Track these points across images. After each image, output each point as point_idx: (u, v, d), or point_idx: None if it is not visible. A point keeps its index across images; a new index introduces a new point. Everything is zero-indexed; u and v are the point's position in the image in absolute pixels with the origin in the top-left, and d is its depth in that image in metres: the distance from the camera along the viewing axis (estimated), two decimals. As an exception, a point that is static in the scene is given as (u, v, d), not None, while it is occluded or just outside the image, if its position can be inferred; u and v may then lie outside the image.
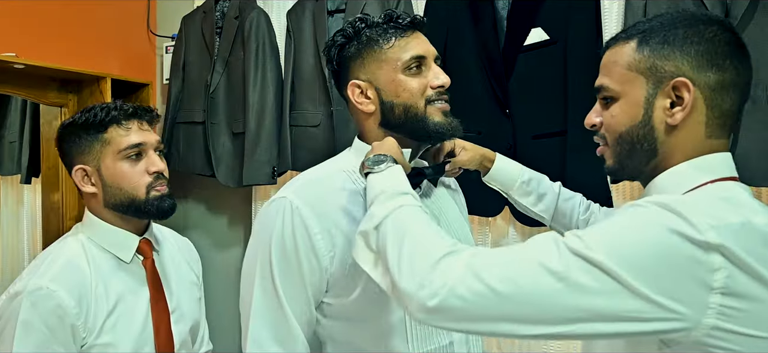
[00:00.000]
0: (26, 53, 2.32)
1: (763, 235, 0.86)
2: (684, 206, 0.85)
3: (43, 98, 2.49)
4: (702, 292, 0.82)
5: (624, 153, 1.03)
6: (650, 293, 0.82)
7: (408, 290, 0.90)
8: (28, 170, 2.71)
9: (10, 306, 1.38)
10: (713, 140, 0.98)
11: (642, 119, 1.00)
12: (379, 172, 1.10)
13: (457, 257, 0.90)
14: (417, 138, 1.26)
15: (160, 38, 3.03)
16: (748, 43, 1.01)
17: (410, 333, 1.19)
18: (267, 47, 2.62)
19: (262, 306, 1.20)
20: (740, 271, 0.83)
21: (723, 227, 0.83)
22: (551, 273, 0.85)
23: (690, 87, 0.95)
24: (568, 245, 0.87)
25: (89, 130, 1.49)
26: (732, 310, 0.83)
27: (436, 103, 1.23)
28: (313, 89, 2.52)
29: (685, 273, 0.83)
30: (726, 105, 0.97)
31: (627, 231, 0.87)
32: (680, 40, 0.97)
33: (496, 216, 2.28)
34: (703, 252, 0.82)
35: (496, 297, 0.85)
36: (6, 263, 2.80)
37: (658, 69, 0.98)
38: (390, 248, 0.96)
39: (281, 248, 1.18)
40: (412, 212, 1.01)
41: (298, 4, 2.60)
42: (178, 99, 2.82)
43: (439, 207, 1.34)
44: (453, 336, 1.25)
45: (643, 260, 0.83)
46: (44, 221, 2.61)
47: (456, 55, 2.22)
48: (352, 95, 1.26)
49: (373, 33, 1.24)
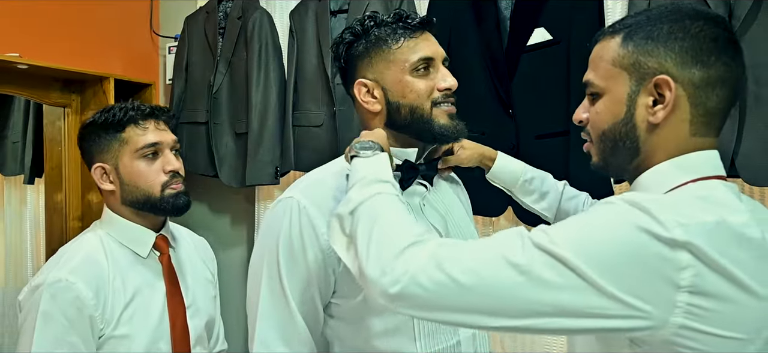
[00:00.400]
0: (29, 53, 2.32)
1: (738, 235, 0.85)
2: (653, 203, 0.84)
3: (46, 98, 2.49)
4: (669, 290, 0.81)
5: (607, 150, 1.02)
6: (615, 290, 0.82)
7: (372, 276, 0.92)
8: (31, 171, 2.71)
9: (31, 298, 1.44)
10: (698, 138, 0.96)
11: (624, 116, 0.98)
12: (365, 157, 1.11)
13: (422, 247, 0.90)
14: (422, 139, 1.26)
15: (163, 39, 3.03)
16: (750, 43, 1.00)
17: (418, 333, 1.19)
18: (270, 47, 2.62)
19: (270, 307, 1.20)
20: (709, 270, 0.81)
21: (692, 225, 0.82)
22: (513, 266, 0.85)
23: (671, 85, 0.92)
24: (533, 239, 0.86)
25: (108, 129, 1.54)
26: (700, 309, 0.82)
27: (442, 105, 1.23)
28: (315, 89, 2.52)
29: (652, 270, 0.82)
30: (711, 103, 0.94)
31: (594, 228, 0.86)
32: (664, 36, 0.94)
33: (499, 216, 2.28)
34: (670, 250, 0.81)
35: (457, 288, 0.86)
36: (9, 263, 2.81)
37: (641, 65, 0.96)
38: (360, 234, 0.97)
39: (289, 248, 1.18)
40: (388, 200, 1.01)
41: (301, 5, 2.60)
42: (181, 99, 2.82)
43: (446, 206, 1.34)
44: (460, 335, 1.24)
45: (609, 257, 0.82)
46: (47, 222, 2.61)
47: (459, 55, 2.21)
48: (358, 94, 1.25)
49: (381, 32, 1.24)
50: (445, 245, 0.91)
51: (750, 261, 0.84)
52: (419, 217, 1.27)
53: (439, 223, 1.30)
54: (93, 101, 2.55)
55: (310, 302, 1.19)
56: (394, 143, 1.27)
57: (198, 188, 2.99)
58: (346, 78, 1.30)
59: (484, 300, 0.86)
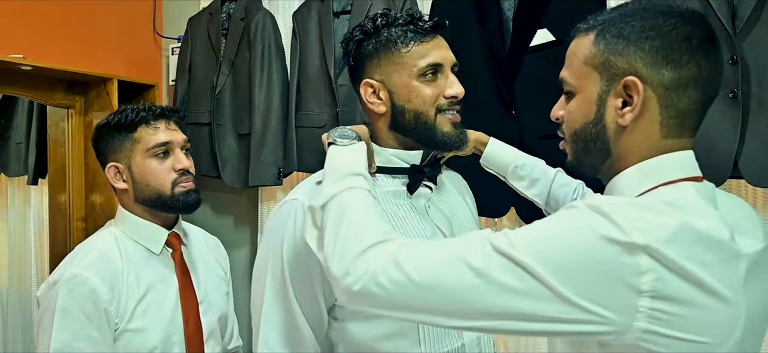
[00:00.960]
0: (33, 55, 2.33)
1: (704, 238, 0.82)
2: (614, 208, 0.82)
3: (50, 99, 2.50)
4: (630, 295, 0.79)
5: (580, 150, 0.99)
6: (574, 296, 0.80)
7: (336, 273, 0.94)
8: (34, 172, 2.72)
9: (49, 295, 1.48)
10: (670, 140, 0.92)
11: (594, 117, 0.95)
12: (341, 146, 1.12)
13: (384, 247, 0.92)
14: (425, 145, 1.25)
15: (166, 40, 3.04)
16: (754, 45, 0.97)
17: (422, 335, 1.19)
18: (273, 48, 2.62)
19: (273, 309, 1.20)
20: (671, 274, 0.79)
21: (651, 229, 0.80)
22: (471, 269, 0.85)
23: (639, 88, 0.89)
24: (493, 243, 0.86)
25: (121, 130, 1.60)
26: (664, 314, 0.80)
27: (447, 113, 1.23)
28: (318, 90, 2.52)
29: (612, 276, 0.80)
30: (683, 104, 0.90)
31: (554, 233, 0.85)
32: (635, 35, 0.90)
33: (502, 217, 2.28)
34: (629, 254, 0.79)
35: (415, 288, 0.87)
36: (13, 264, 2.81)
37: (611, 65, 0.92)
38: (328, 230, 0.99)
39: (293, 250, 1.18)
40: (358, 196, 1.01)
41: (304, 6, 2.60)
42: (184, 101, 2.83)
43: (451, 208, 1.34)
44: (464, 338, 1.24)
45: (568, 263, 0.81)
46: (51, 223, 2.62)
47: (462, 56, 2.17)
48: (364, 94, 1.25)
49: (392, 33, 1.23)
50: (407, 245, 0.92)
51: (716, 264, 0.82)
52: (424, 219, 1.27)
53: (444, 225, 1.29)
54: (96, 102, 2.56)
55: (315, 304, 1.19)
56: (398, 145, 1.26)
57: (201, 189, 2.98)
58: (354, 76, 1.30)
59: (440, 301, 0.86)
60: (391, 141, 1.27)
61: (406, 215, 1.24)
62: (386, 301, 0.89)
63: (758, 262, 0.90)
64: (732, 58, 1.78)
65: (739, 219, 0.93)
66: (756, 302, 0.89)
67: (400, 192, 1.27)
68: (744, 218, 0.95)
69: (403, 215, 1.24)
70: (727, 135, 1.81)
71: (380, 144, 1.27)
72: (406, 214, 1.24)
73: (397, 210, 1.24)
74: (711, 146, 1.82)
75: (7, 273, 2.81)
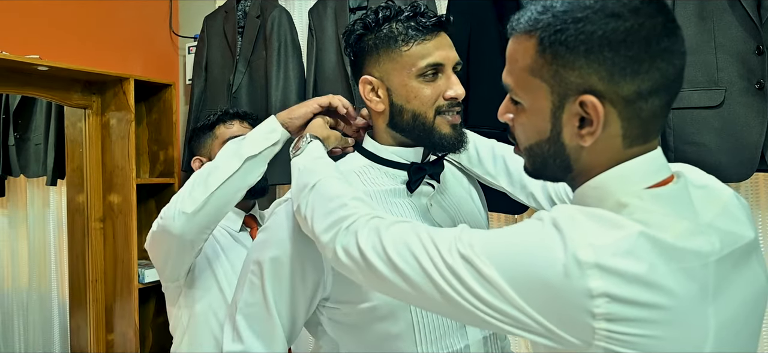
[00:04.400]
0: (50, 55, 2.33)
1: (667, 249, 0.76)
2: (570, 223, 0.77)
3: (67, 99, 2.51)
4: (586, 318, 0.74)
5: (538, 164, 0.91)
6: (536, 314, 0.77)
7: (324, 240, 1.01)
8: (53, 172, 2.74)
9: None
10: (634, 148, 0.83)
11: (550, 135, 0.86)
12: (297, 155, 1.24)
13: (366, 220, 0.97)
14: (423, 145, 1.22)
15: (182, 39, 3.04)
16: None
17: (419, 337, 1.16)
18: (289, 46, 2.61)
19: (250, 300, 1.21)
20: (627, 292, 0.73)
21: (607, 245, 0.74)
22: (435, 265, 0.85)
23: (598, 109, 0.79)
24: (460, 249, 0.83)
25: (204, 129, 1.89)
26: (622, 335, 0.74)
27: (447, 115, 1.18)
28: (335, 87, 2.50)
29: (565, 299, 0.75)
30: (645, 113, 0.81)
31: (518, 248, 0.80)
32: (585, 45, 0.79)
33: (522, 214, 2.25)
34: (580, 276, 0.74)
35: (384, 266, 0.90)
36: (33, 264, 2.83)
37: (561, 79, 0.82)
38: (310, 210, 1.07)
39: (288, 248, 1.17)
40: (329, 179, 1.10)
41: (320, 2, 2.59)
42: (200, 99, 2.82)
43: (455, 205, 1.30)
44: (469, 338, 1.20)
45: (528, 280, 0.77)
46: (69, 222, 2.64)
47: (480, 50, 2.18)
48: (362, 91, 1.22)
49: (393, 29, 1.18)
50: (390, 223, 0.94)
51: (678, 275, 0.76)
52: (425, 218, 1.23)
53: (447, 223, 1.26)
54: (113, 102, 2.56)
55: (295, 302, 1.19)
56: (397, 142, 1.23)
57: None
58: (354, 70, 1.27)
59: (403, 290, 0.88)
60: (390, 139, 1.24)
61: (404, 215, 1.20)
62: (357, 272, 0.94)
63: (745, 252, 0.86)
64: (758, 49, 1.73)
65: (718, 214, 0.87)
66: (737, 301, 0.84)
67: (399, 191, 1.23)
68: (723, 210, 0.89)
69: (401, 215, 1.20)
70: (754, 128, 1.76)
71: (380, 142, 1.25)
72: (404, 213, 1.20)
73: (395, 210, 1.20)
74: (737, 140, 1.78)
75: (27, 272, 2.83)
